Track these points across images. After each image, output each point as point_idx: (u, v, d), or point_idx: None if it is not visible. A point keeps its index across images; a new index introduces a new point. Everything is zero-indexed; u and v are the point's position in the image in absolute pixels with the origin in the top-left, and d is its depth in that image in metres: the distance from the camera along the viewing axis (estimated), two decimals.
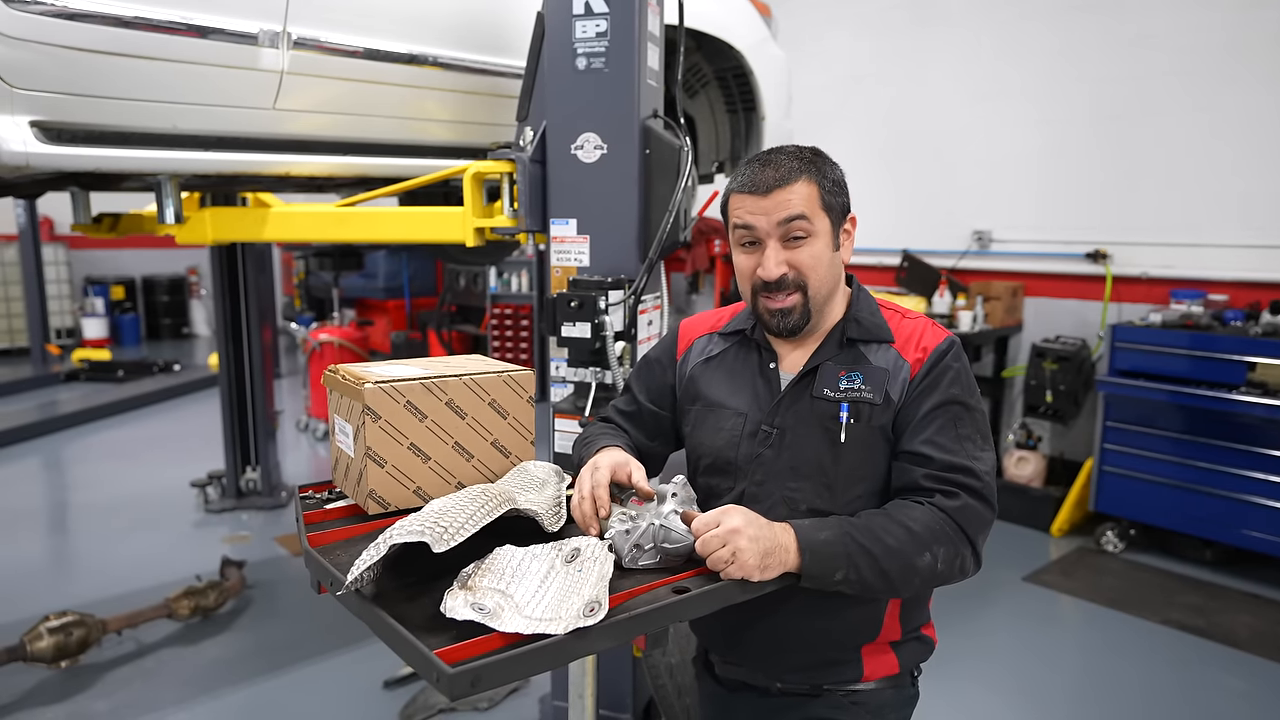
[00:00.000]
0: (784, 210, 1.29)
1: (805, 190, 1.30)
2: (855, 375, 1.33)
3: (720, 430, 1.41)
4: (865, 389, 1.32)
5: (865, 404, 1.31)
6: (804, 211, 1.29)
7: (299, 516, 1.40)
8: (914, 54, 5.80)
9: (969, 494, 1.25)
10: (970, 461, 1.27)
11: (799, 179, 1.30)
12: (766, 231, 1.31)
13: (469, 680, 0.89)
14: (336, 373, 1.46)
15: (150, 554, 4.29)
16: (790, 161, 1.32)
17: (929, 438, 1.28)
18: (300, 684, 3.15)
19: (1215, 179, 4.55)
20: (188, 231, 2.73)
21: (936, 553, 1.22)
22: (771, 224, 1.30)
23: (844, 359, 1.36)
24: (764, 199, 1.30)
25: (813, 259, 1.32)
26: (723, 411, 1.42)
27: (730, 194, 1.37)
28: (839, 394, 1.33)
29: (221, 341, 4.86)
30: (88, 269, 10.86)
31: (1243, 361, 3.93)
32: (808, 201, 1.30)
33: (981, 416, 1.33)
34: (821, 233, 1.32)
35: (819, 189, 1.31)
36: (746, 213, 1.32)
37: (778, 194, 1.29)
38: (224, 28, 2.19)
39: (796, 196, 1.29)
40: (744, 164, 1.36)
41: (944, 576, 1.24)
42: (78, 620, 3.13)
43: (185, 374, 8.46)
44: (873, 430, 1.31)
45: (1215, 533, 4.09)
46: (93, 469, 5.96)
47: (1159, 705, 3.07)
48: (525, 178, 2.35)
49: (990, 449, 1.32)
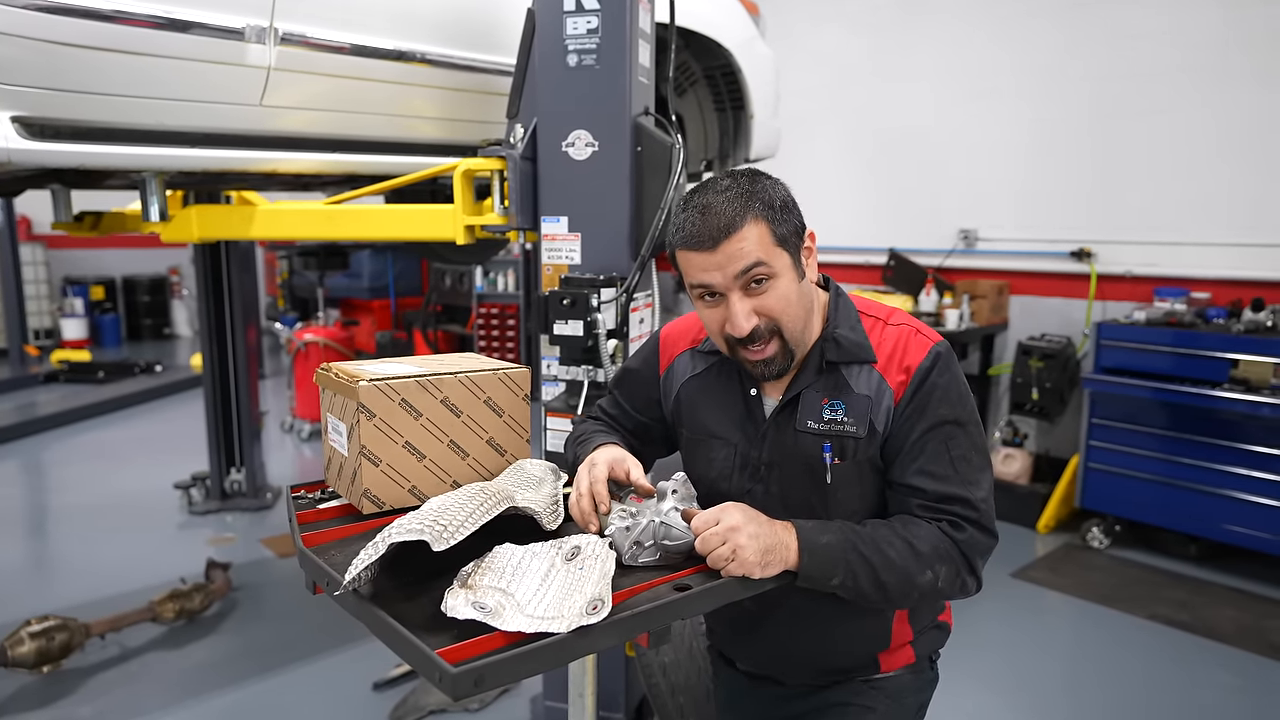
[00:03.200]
0: (738, 262, 1.18)
1: (754, 232, 1.18)
2: (838, 405, 1.27)
3: (712, 462, 1.37)
4: (848, 421, 1.26)
5: (850, 439, 1.26)
6: (759, 257, 1.18)
7: (292, 517, 1.38)
8: (900, 53, 5.83)
9: (970, 525, 1.23)
10: (966, 490, 1.23)
11: (745, 222, 1.18)
12: (725, 286, 1.20)
13: (472, 680, 0.88)
14: (330, 371, 1.44)
15: (134, 556, 4.23)
16: (730, 204, 1.18)
17: (921, 467, 1.24)
18: (288, 687, 3.11)
19: (1198, 178, 4.60)
20: (173, 230, 2.69)
21: (939, 571, 1.20)
22: (729, 277, 1.19)
23: (824, 385, 1.29)
24: (713, 254, 1.18)
25: (781, 301, 1.22)
26: (713, 442, 1.37)
27: (675, 248, 1.25)
28: (822, 425, 1.27)
29: (205, 342, 4.81)
30: (66, 269, 10.72)
31: (1226, 359, 3.97)
32: (760, 244, 1.18)
33: (976, 429, 1.27)
34: (783, 270, 1.21)
35: (768, 225, 1.19)
36: (699, 270, 1.21)
37: (726, 246, 1.17)
38: (210, 23, 2.16)
39: (748, 243, 1.17)
40: (679, 213, 1.24)
41: (944, 594, 1.24)
42: (60, 624, 3.09)
43: (167, 375, 8.37)
44: (860, 465, 1.27)
45: (1199, 528, 4.13)
46: (74, 471, 5.88)
47: (1146, 700, 3.09)
48: (516, 175, 2.33)
49: (988, 465, 1.27)
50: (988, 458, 1.29)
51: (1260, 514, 3.88)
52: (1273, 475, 3.84)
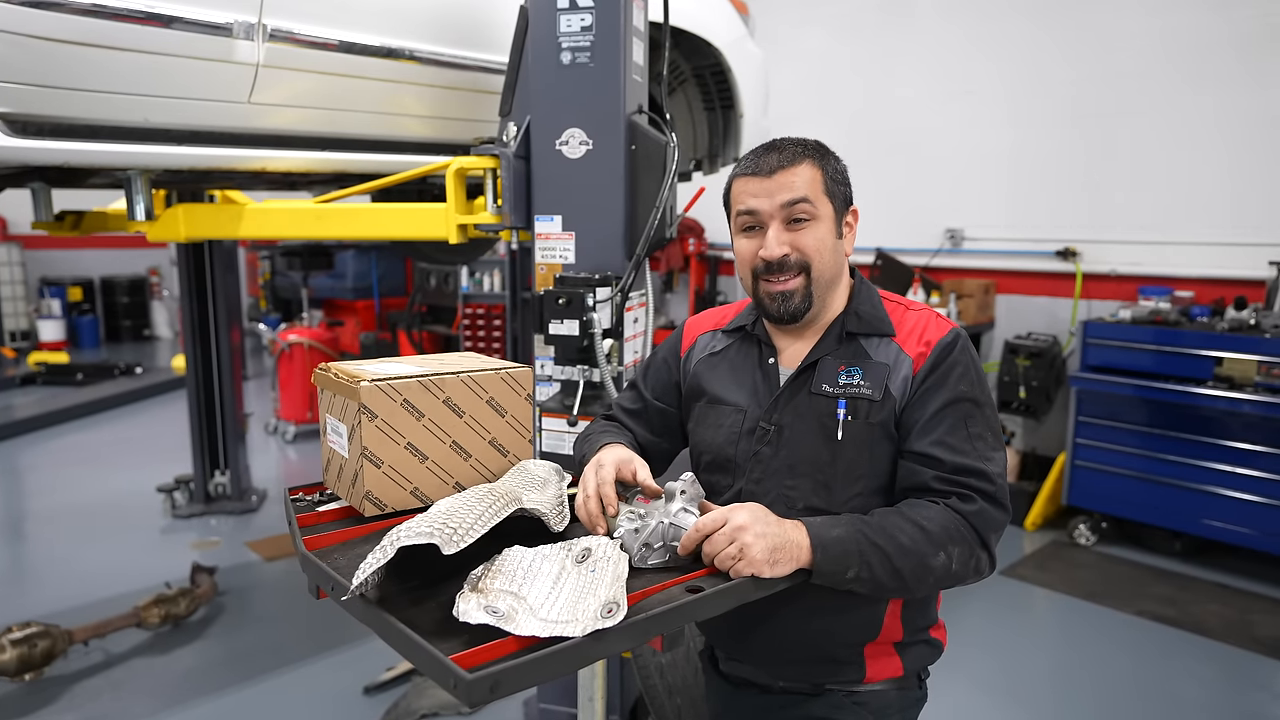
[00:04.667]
0: (787, 192, 1.29)
1: (809, 173, 1.30)
2: (855, 370, 1.31)
3: (720, 427, 1.39)
4: (864, 385, 1.29)
5: (864, 400, 1.29)
6: (807, 195, 1.29)
7: (292, 520, 1.36)
8: (888, 53, 5.85)
9: (983, 498, 1.23)
10: (983, 464, 1.24)
11: (803, 162, 1.30)
12: (769, 214, 1.30)
13: (488, 685, 0.86)
14: (329, 371, 1.42)
15: (117, 561, 4.16)
16: (795, 147, 1.32)
17: (939, 438, 1.25)
18: (277, 692, 3.07)
19: (1182, 178, 4.65)
20: (159, 229, 2.65)
21: (951, 553, 1.20)
22: (775, 206, 1.29)
23: (844, 353, 1.33)
24: (767, 180, 1.30)
25: (816, 242, 1.30)
26: (723, 408, 1.40)
27: (733, 179, 1.36)
28: (837, 389, 1.30)
29: (188, 343, 4.75)
30: (43, 269, 10.56)
31: (1210, 356, 4.02)
32: (811, 185, 1.29)
33: (992, 412, 1.30)
34: (825, 217, 1.31)
35: (823, 174, 1.31)
36: (749, 195, 1.32)
37: (781, 176, 1.29)
38: (197, 18, 2.13)
39: (800, 179, 1.29)
40: (748, 153, 1.36)
41: (958, 576, 1.23)
42: (42, 631, 3.03)
43: (148, 377, 8.26)
44: (872, 427, 1.29)
45: (1183, 524, 4.17)
46: (53, 475, 5.78)
47: (1134, 695, 3.12)
48: (509, 173, 2.31)
49: (1001, 446, 1.29)
50: (1001, 440, 1.31)
51: (1243, 510, 3.93)
52: (1255, 472, 3.89)
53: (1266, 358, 3.84)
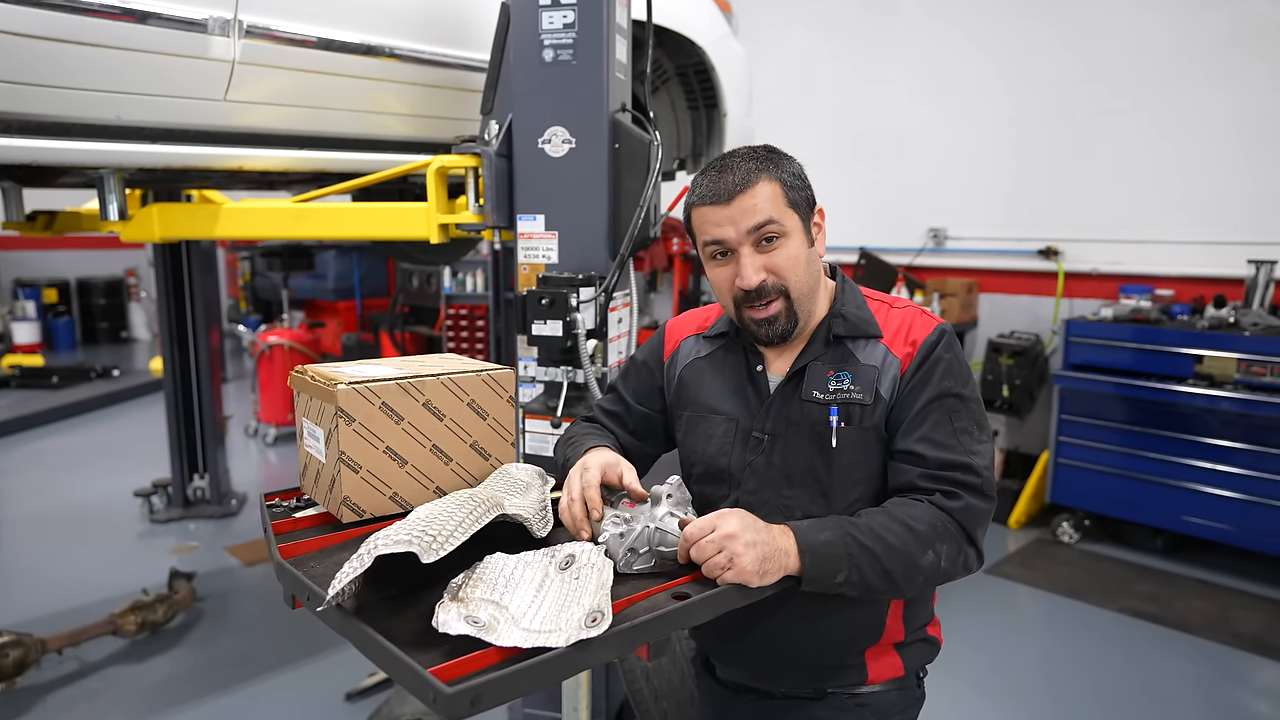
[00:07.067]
0: (751, 217, 1.25)
1: (768, 190, 1.25)
2: (844, 375, 1.29)
3: (711, 437, 1.37)
4: (855, 389, 1.28)
5: (855, 405, 1.28)
6: (771, 214, 1.25)
7: (267, 527, 1.32)
8: (870, 53, 5.86)
9: (969, 492, 1.22)
10: (968, 457, 1.23)
11: (759, 180, 1.25)
12: (737, 240, 1.26)
13: (469, 699, 0.83)
14: (305, 373, 1.38)
15: (92, 567, 4.09)
16: (746, 164, 1.27)
17: (924, 435, 1.25)
18: (257, 699, 3.03)
19: (1162, 178, 4.68)
20: (133, 229, 2.60)
21: (940, 550, 1.19)
22: (741, 232, 1.25)
23: (831, 358, 1.31)
24: (728, 207, 1.25)
25: (790, 260, 1.27)
26: (713, 418, 1.38)
27: (691, 208, 1.32)
28: (828, 396, 1.29)
29: (166, 345, 4.68)
30: (17, 271, 10.39)
31: (1190, 354, 4.04)
32: (773, 202, 1.25)
33: (977, 405, 1.29)
34: (793, 230, 1.27)
35: (781, 186, 1.27)
36: (713, 226, 1.27)
37: (741, 200, 1.25)
38: (171, 14, 2.08)
39: (760, 199, 1.25)
40: (699, 175, 1.31)
41: (947, 574, 1.22)
42: (14, 640, 2.97)
43: (125, 379, 8.15)
44: (865, 431, 1.28)
45: (1165, 521, 4.20)
46: (27, 480, 5.68)
47: (1118, 692, 3.13)
48: (491, 172, 2.28)
49: (988, 439, 1.29)
50: (989, 433, 1.30)
51: (1223, 506, 3.95)
52: (1235, 468, 3.92)
53: (1246, 355, 3.86)
